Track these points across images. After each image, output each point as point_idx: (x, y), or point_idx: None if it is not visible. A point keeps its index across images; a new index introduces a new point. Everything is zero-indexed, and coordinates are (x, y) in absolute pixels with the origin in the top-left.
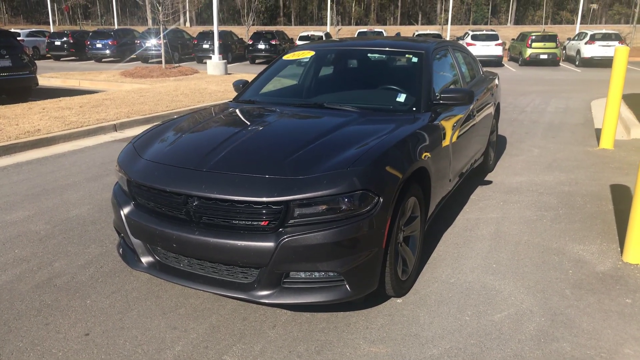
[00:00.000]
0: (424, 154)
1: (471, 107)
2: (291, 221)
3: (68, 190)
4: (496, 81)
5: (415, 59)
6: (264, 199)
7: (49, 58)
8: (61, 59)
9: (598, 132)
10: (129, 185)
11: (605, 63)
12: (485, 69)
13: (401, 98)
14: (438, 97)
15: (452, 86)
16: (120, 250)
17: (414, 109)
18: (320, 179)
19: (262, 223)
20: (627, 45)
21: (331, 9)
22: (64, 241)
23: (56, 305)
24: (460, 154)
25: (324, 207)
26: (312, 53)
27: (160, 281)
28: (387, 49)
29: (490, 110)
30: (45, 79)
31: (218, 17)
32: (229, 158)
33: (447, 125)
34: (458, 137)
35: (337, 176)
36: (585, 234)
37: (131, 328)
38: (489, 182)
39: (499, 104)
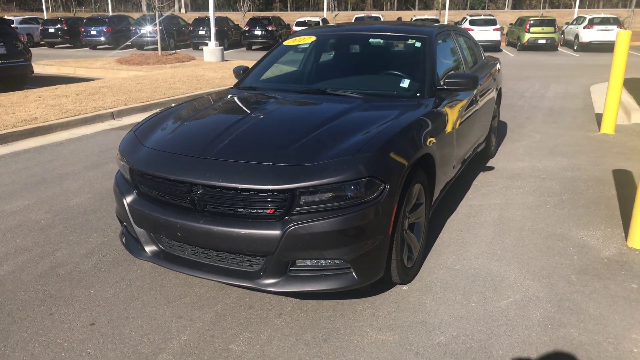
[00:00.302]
0: (429, 140)
1: (474, 92)
2: (297, 209)
3: (67, 179)
4: (498, 66)
5: (418, 44)
6: (270, 187)
7: (42, 45)
8: (55, 46)
9: (598, 117)
10: (131, 173)
11: (603, 47)
12: (485, 54)
13: (405, 84)
14: (442, 83)
15: (454, 71)
16: (123, 239)
17: (418, 94)
18: (326, 166)
19: (268, 211)
20: (626, 29)
21: None
22: (65, 230)
23: (60, 295)
24: (464, 140)
25: (330, 194)
26: (313, 38)
27: (163, 270)
28: (389, 33)
29: (493, 95)
30: (40, 67)
31: (215, 2)
32: (233, 145)
33: (451, 110)
34: (461, 122)
35: (343, 163)
36: (589, 219)
37: (136, 317)
38: (491, 168)
39: (500, 89)
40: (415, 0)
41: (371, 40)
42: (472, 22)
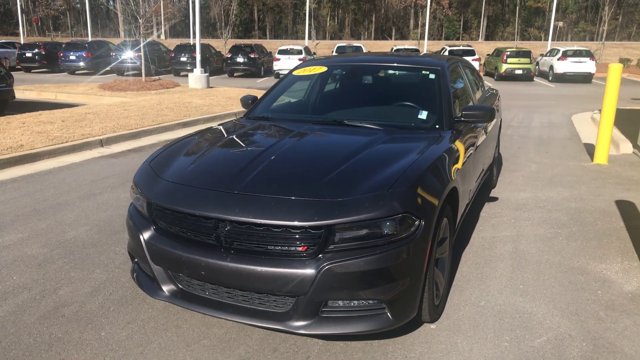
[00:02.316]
0: (454, 173)
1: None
2: (332, 246)
3: (61, 210)
4: (498, 96)
5: (432, 75)
6: (304, 223)
7: (19, 70)
8: (32, 71)
9: (587, 147)
10: (149, 208)
11: (577, 79)
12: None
13: (423, 115)
14: (459, 115)
15: (470, 103)
16: (135, 276)
17: (437, 126)
18: (361, 201)
19: (300, 248)
20: (597, 61)
21: (308, 23)
22: (65, 266)
23: (68, 338)
24: (476, 170)
25: (365, 231)
26: (324, 69)
27: (177, 309)
28: (402, 65)
29: (497, 124)
30: (19, 92)
31: (200, 29)
32: (261, 179)
33: (468, 142)
34: (475, 153)
35: (379, 198)
36: (604, 252)
37: None
38: (495, 199)
39: (501, 119)
40: (392, 31)
41: (383, 71)
42: (451, 53)
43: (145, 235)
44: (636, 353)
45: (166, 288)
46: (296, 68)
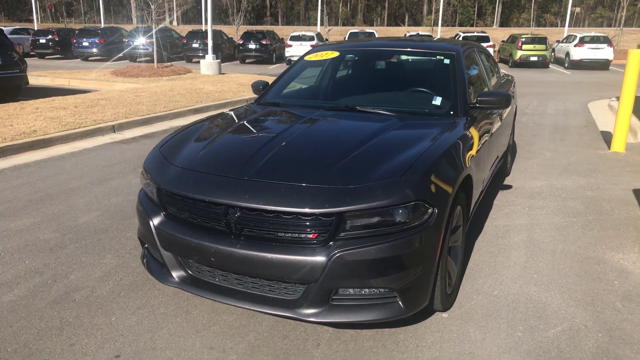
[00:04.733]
0: (468, 160)
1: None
2: (342, 234)
3: (73, 195)
4: (514, 82)
5: (447, 61)
6: (315, 210)
7: (32, 56)
8: (46, 57)
9: (604, 135)
10: (158, 194)
11: (594, 65)
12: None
13: (437, 101)
14: (475, 101)
15: (485, 89)
16: (145, 261)
17: (451, 112)
18: (374, 188)
19: (311, 236)
20: (614, 48)
21: (320, 9)
22: (77, 251)
23: (79, 323)
24: (491, 158)
25: (377, 219)
26: (337, 54)
27: (187, 295)
28: (416, 49)
29: (513, 111)
30: (32, 78)
31: (212, 15)
32: (272, 165)
33: (483, 129)
34: (490, 140)
35: (392, 185)
36: (621, 241)
37: (164, 349)
38: (509, 187)
39: (516, 106)
40: (405, 17)
41: (397, 56)
42: (465, 39)
43: (155, 221)
44: None
45: (176, 274)
46: (308, 53)
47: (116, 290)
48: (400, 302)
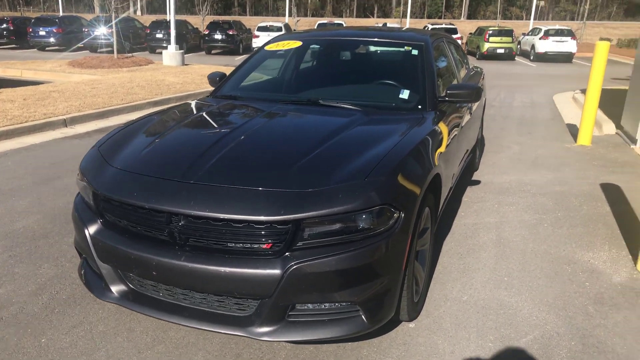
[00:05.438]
0: (437, 158)
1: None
2: (300, 243)
3: (13, 196)
4: (483, 75)
5: (415, 51)
6: (269, 218)
7: None
8: (0, 47)
9: (570, 128)
10: (95, 199)
11: (558, 58)
12: None
13: (404, 95)
14: (444, 94)
15: (454, 81)
16: (83, 273)
17: (419, 106)
18: (334, 192)
19: (265, 246)
20: (578, 41)
21: (289, 0)
22: (10, 260)
23: (3, 346)
24: (460, 153)
25: (338, 225)
26: (299, 43)
27: (130, 310)
28: (383, 40)
29: (482, 105)
30: None
31: (177, 5)
32: (221, 167)
33: (451, 123)
34: (458, 135)
35: (354, 188)
36: (591, 239)
37: None
38: (478, 182)
39: (485, 99)
40: (374, 9)
41: (363, 46)
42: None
43: (91, 229)
44: (629, 352)
45: (115, 289)
46: (268, 43)
47: (50, 305)
48: (363, 317)
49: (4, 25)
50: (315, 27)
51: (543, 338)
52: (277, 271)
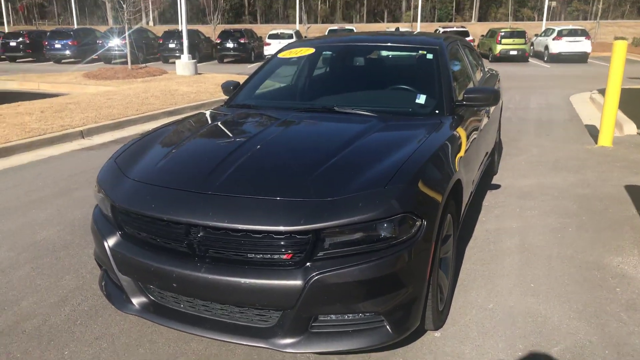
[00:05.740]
0: (458, 163)
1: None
2: (321, 253)
3: (33, 208)
4: (499, 77)
5: (430, 55)
6: (289, 228)
7: (3, 60)
8: (17, 60)
9: (589, 129)
10: (113, 211)
11: (572, 58)
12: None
13: (421, 100)
14: (461, 98)
15: (471, 84)
16: (104, 285)
17: (437, 111)
18: (354, 200)
19: (285, 256)
20: (592, 40)
21: (299, 7)
22: (32, 272)
23: (27, 359)
24: (479, 157)
25: (359, 235)
26: (312, 50)
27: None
28: (396, 44)
29: (499, 107)
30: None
31: (188, 14)
32: (239, 177)
33: (470, 127)
34: (478, 139)
35: (374, 196)
36: (619, 243)
37: None
38: (498, 186)
39: (502, 101)
40: (384, 13)
41: (377, 51)
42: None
43: (111, 242)
44: None
45: (136, 300)
46: (281, 50)
47: (72, 317)
48: (387, 327)
49: (21, 39)
50: (326, 33)
51: (575, 347)
52: (298, 282)
